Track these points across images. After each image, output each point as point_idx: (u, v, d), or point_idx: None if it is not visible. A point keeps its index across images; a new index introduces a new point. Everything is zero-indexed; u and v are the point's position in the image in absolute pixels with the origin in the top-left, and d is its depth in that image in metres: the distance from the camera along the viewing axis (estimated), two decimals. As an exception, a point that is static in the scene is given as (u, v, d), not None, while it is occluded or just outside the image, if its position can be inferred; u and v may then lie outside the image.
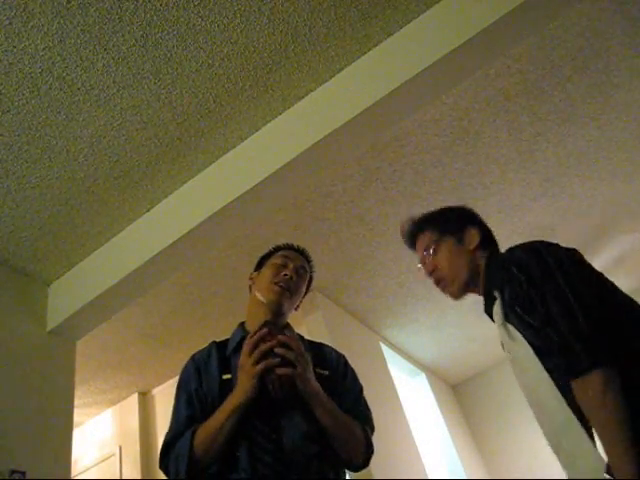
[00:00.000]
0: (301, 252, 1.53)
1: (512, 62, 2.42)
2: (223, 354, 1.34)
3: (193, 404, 1.27)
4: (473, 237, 1.38)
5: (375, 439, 1.35)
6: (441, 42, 1.95)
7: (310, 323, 3.34)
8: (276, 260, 1.46)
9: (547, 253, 1.18)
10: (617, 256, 4.28)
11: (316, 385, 1.22)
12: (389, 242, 3.29)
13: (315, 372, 1.25)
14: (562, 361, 1.06)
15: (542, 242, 1.23)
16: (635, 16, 2.36)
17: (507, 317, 1.19)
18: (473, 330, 4.51)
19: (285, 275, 1.40)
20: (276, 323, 1.32)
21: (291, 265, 1.43)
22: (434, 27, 2.01)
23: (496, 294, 1.23)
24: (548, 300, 1.10)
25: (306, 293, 1.53)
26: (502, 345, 1.28)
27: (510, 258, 1.22)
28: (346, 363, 1.43)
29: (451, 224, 1.42)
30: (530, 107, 2.68)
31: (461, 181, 3.01)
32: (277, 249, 1.52)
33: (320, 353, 1.40)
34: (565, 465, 1.10)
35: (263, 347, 1.18)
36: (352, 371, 1.43)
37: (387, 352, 4.14)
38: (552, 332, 1.07)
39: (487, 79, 2.47)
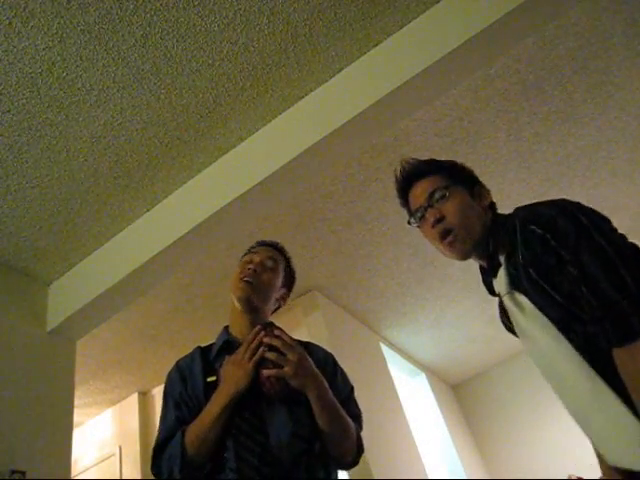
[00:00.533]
0: (271, 245, 1.50)
1: (512, 62, 2.42)
2: (207, 358, 1.34)
3: (180, 407, 1.27)
4: (487, 194, 1.23)
5: (375, 439, 1.36)
6: (441, 42, 1.95)
7: (310, 323, 3.34)
8: (243, 259, 1.44)
9: (576, 209, 1.02)
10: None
11: (315, 378, 1.21)
12: (389, 242, 3.29)
13: None
14: (604, 327, 0.90)
15: (566, 200, 1.07)
16: (635, 16, 2.36)
17: (514, 285, 1.05)
18: (473, 330, 4.51)
19: (249, 269, 1.37)
20: (255, 321, 1.33)
21: (257, 259, 1.41)
22: (434, 27, 2.01)
23: (501, 259, 1.09)
24: (583, 258, 0.93)
25: (289, 286, 1.49)
26: (504, 320, 1.17)
27: (527, 216, 1.05)
28: (335, 362, 1.41)
29: (463, 175, 1.26)
30: (530, 107, 2.68)
31: (461, 181, 3.01)
32: (249, 250, 1.50)
33: (308, 352, 1.35)
34: (602, 448, 0.98)
35: (254, 343, 1.20)
36: (342, 370, 1.41)
37: (387, 352, 4.14)
38: (589, 294, 0.91)
39: (487, 79, 2.47)
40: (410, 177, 1.30)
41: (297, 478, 1.15)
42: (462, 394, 5.41)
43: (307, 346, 1.39)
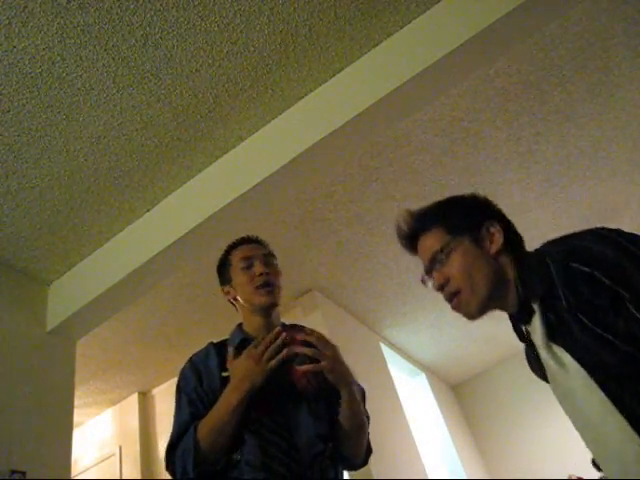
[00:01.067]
0: (251, 241, 1.49)
1: (512, 62, 2.42)
2: (222, 354, 1.33)
3: (195, 404, 1.26)
4: (495, 236, 1.05)
5: (375, 439, 1.35)
6: (441, 42, 1.95)
7: (310, 323, 3.31)
8: (239, 264, 1.41)
9: (619, 236, 0.88)
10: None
11: (349, 373, 1.24)
12: (389, 242, 3.29)
13: None
14: None
15: (604, 228, 0.92)
16: (635, 16, 2.36)
17: (552, 336, 0.92)
18: (473, 330, 4.51)
19: (260, 275, 1.36)
20: (271, 317, 1.36)
21: (257, 262, 1.39)
22: (434, 27, 2.01)
23: (535, 306, 0.95)
24: None
25: None
26: (535, 368, 1.04)
27: (565, 252, 0.91)
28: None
29: (465, 219, 1.09)
30: (530, 107, 2.68)
31: (461, 181, 3.01)
32: (228, 252, 1.47)
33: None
34: None
35: (277, 342, 1.21)
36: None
37: (387, 352, 4.14)
38: None
39: (487, 79, 2.47)
40: (412, 235, 1.18)
41: (313, 478, 1.16)
42: (462, 394, 5.41)
43: None
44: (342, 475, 1.29)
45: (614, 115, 2.86)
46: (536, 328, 0.95)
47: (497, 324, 1.47)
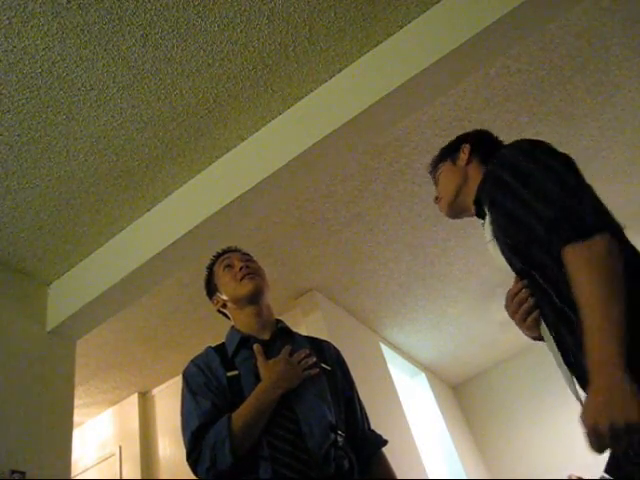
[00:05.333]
0: (229, 250, 1.54)
1: (512, 62, 2.42)
2: (224, 355, 1.35)
3: (210, 396, 1.25)
4: (463, 152, 1.33)
5: (375, 439, 1.36)
6: (441, 42, 1.95)
7: (310, 323, 3.34)
8: (220, 270, 1.47)
9: (534, 145, 1.13)
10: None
11: None
12: (389, 242, 3.29)
13: (321, 367, 1.33)
14: (558, 226, 0.93)
15: (534, 141, 1.15)
16: (635, 16, 2.36)
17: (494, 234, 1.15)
18: (473, 330, 4.51)
19: (241, 268, 1.41)
20: (262, 309, 1.40)
21: (235, 260, 1.45)
22: (434, 27, 2.01)
23: (486, 208, 1.18)
24: (540, 179, 1.02)
25: None
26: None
27: (492, 162, 1.16)
28: (343, 358, 1.48)
29: (450, 148, 1.40)
30: (530, 107, 2.68)
31: (461, 181, 3.01)
32: (211, 267, 1.53)
33: (321, 348, 1.43)
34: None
35: (309, 360, 1.31)
36: (348, 369, 1.48)
37: (387, 352, 4.14)
38: (544, 204, 0.98)
39: (487, 79, 2.47)
40: (433, 171, 1.44)
41: (327, 468, 1.16)
42: (462, 394, 5.40)
43: (320, 343, 1.47)
44: (356, 465, 1.27)
45: (614, 115, 2.86)
46: (486, 226, 1.18)
47: (497, 325, 1.48)
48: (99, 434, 4.03)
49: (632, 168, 3.29)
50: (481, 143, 1.35)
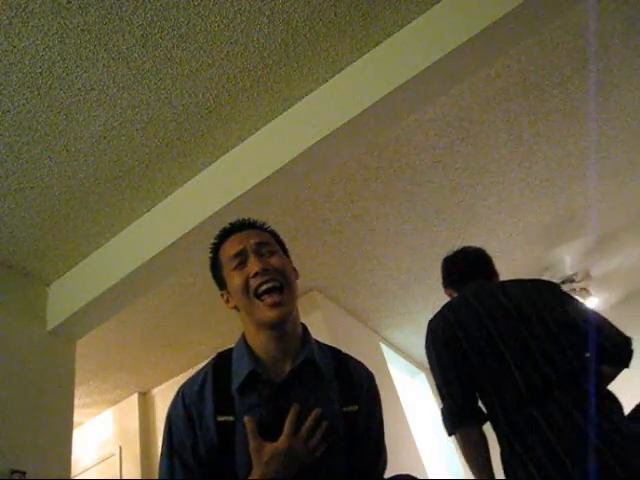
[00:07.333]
0: (241, 227, 1.16)
1: (512, 62, 2.42)
2: (222, 390, 1.00)
3: (192, 469, 0.97)
4: None
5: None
6: (441, 42, 1.95)
7: (310, 323, 3.31)
8: (230, 264, 1.07)
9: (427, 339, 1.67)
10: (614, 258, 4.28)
11: None
12: (389, 242, 3.29)
13: (342, 412, 1.01)
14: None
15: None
16: (635, 16, 2.36)
17: None
18: (473, 330, 4.50)
19: (256, 275, 1.02)
20: (286, 329, 1.03)
21: (250, 255, 1.05)
22: (434, 27, 2.01)
23: None
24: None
25: (286, 250, 1.21)
26: None
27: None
28: (376, 390, 1.14)
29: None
30: (530, 107, 2.68)
31: (461, 181, 3.01)
32: (217, 250, 1.16)
33: (349, 380, 1.07)
34: None
35: (319, 435, 0.96)
36: (379, 399, 1.14)
37: (387, 352, 4.14)
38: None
39: (487, 79, 2.47)
40: None
41: None
42: (462, 394, 5.39)
43: (347, 368, 1.11)
44: None
45: (614, 115, 2.86)
46: None
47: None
48: (99, 434, 4.03)
49: (632, 168, 3.29)
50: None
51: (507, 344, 1.43)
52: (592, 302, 4.29)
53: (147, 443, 3.82)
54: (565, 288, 4.22)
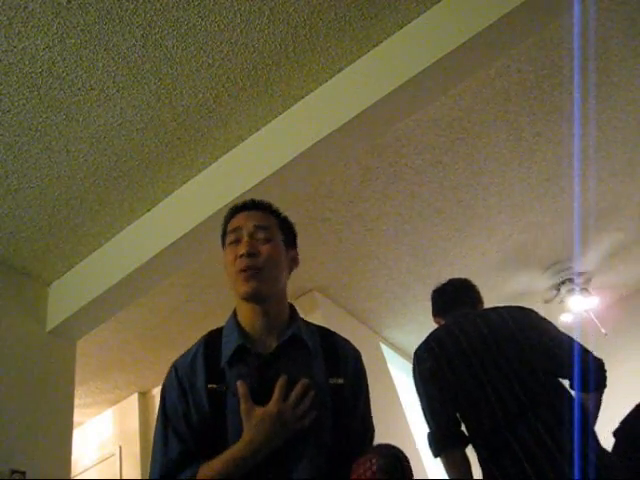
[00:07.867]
0: (253, 206, 1.19)
1: (512, 62, 2.42)
2: (213, 362, 1.05)
3: (182, 434, 1.01)
4: None
5: (375, 439, 1.35)
6: (441, 42, 1.95)
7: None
8: (229, 237, 1.13)
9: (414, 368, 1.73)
10: (610, 254, 4.28)
11: None
12: (389, 242, 3.29)
13: (328, 384, 1.04)
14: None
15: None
16: (634, 16, 2.36)
17: None
18: (473, 330, 4.50)
19: (241, 256, 1.06)
20: (270, 308, 1.09)
21: (244, 236, 1.10)
22: (434, 27, 2.01)
23: None
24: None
25: (294, 242, 1.28)
26: None
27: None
28: (362, 366, 1.18)
29: None
30: (530, 107, 2.68)
31: (461, 181, 3.01)
32: (228, 218, 1.19)
33: (334, 354, 1.12)
34: None
35: (307, 402, 0.99)
36: (365, 376, 1.18)
37: (387, 352, 4.14)
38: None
39: (487, 79, 2.47)
40: None
41: None
42: (462, 394, 5.40)
43: (335, 345, 1.15)
44: None
45: (614, 115, 2.86)
46: None
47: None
48: (99, 434, 4.03)
49: (632, 168, 3.29)
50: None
51: (486, 371, 1.55)
52: (592, 302, 4.29)
53: (147, 443, 3.81)
54: (565, 288, 4.22)
